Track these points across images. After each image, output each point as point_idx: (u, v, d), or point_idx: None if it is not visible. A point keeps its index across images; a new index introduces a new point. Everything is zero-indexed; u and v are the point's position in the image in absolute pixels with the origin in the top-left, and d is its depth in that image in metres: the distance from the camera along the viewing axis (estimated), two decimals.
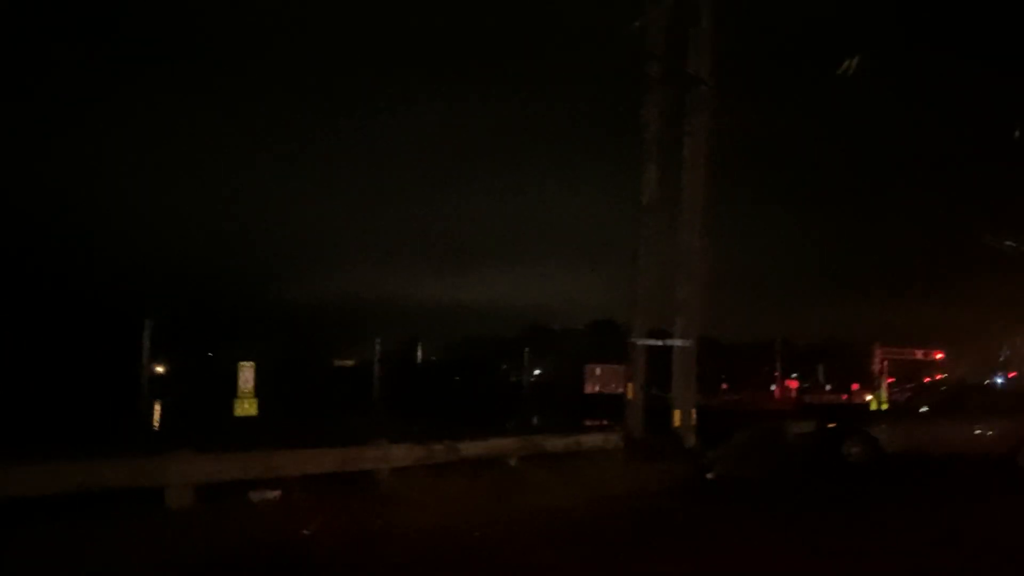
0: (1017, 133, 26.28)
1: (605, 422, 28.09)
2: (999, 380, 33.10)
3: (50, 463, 9.38)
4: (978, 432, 16.79)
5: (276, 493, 11.04)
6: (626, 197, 19.13)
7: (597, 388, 64.24)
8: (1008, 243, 27.37)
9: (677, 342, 17.41)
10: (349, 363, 49.86)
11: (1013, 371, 30.73)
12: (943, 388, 30.16)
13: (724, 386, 73.51)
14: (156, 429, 22.64)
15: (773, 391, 64.75)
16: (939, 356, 42.11)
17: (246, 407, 18.21)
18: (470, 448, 13.98)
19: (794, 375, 66.75)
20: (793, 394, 62.03)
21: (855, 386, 62.77)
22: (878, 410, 33.33)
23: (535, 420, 33.54)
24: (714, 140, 18.19)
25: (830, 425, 19.05)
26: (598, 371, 67.20)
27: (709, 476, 15.46)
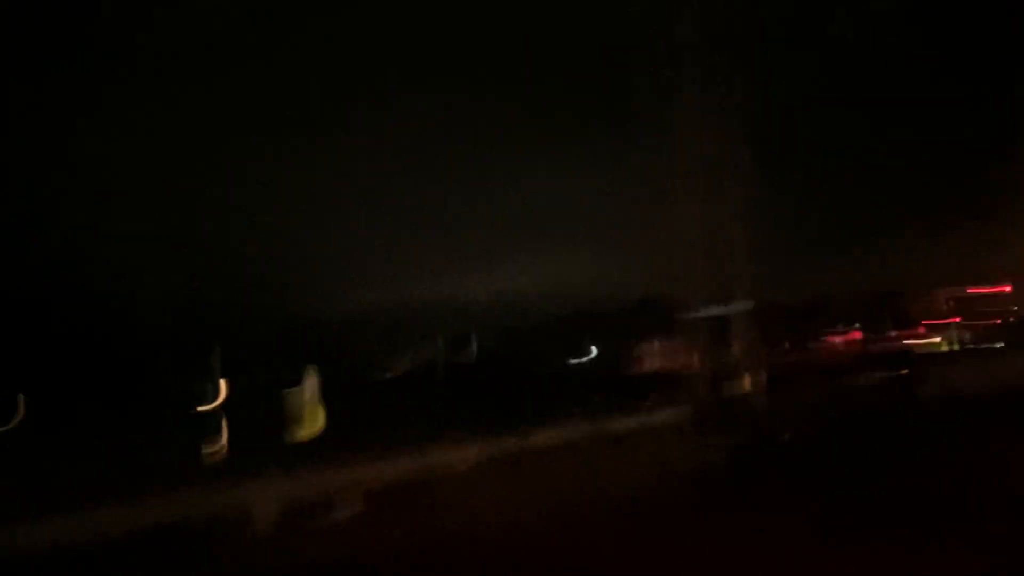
0: None
1: (666, 398, 28.07)
2: None
3: (131, 500, 9.58)
4: None
5: (359, 505, 11.27)
6: (660, 168, 19.06)
7: (654, 364, 64.13)
8: None
9: (737, 307, 17.35)
10: (406, 367, 50.20)
11: None
12: (1015, 322, 29.60)
13: (787, 345, 72.72)
14: (225, 453, 23.15)
15: (838, 344, 63.91)
16: (1007, 289, 41.14)
17: (313, 421, 18.56)
18: (538, 438, 14.14)
19: (856, 325, 65.84)
20: (858, 345, 61.20)
21: (921, 328, 61.72)
22: (949, 352, 32.85)
23: (597, 402, 33.51)
24: (741, 102, 18.06)
25: (902, 372, 18.94)
26: (656, 346, 67.05)
27: (785, 438, 15.44)
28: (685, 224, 18.13)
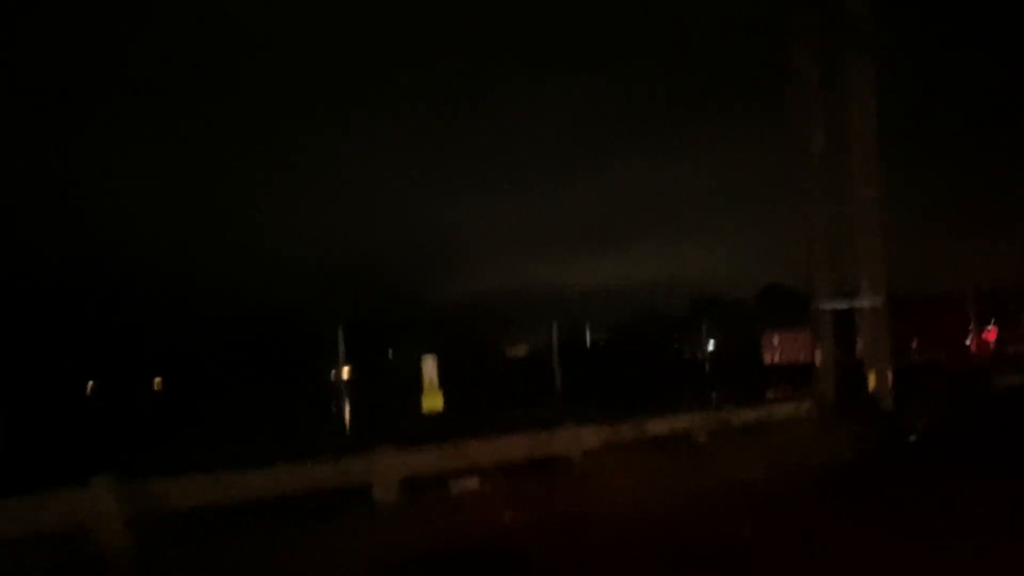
0: None
1: (789, 391, 27.40)
2: None
3: (263, 470, 10.04)
4: None
5: (475, 482, 11.45)
6: (785, 157, 18.63)
7: (777, 357, 62.59)
8: None
9: (865, 301, 16.79)
10: (521, 352, 50.54)
11: None
12: None
13: (915, 344, 69.77)
14: (348, 429, 23.88)
15: (969, 344, 61.03)
16: None
17: (433, 401, 18.98)
18: (656, 426, 14.04)
19: (991, 325, 62.65)
20: (992, 345, 58.32)
21: None
22: None
23: (715, 395, 33.12)
24: (877, 81, 17.43)
25: None
26: (776, 339, 65.43)
27: (911, 439, 14.89)
28: (814, 213, 17.63)
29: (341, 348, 18.02)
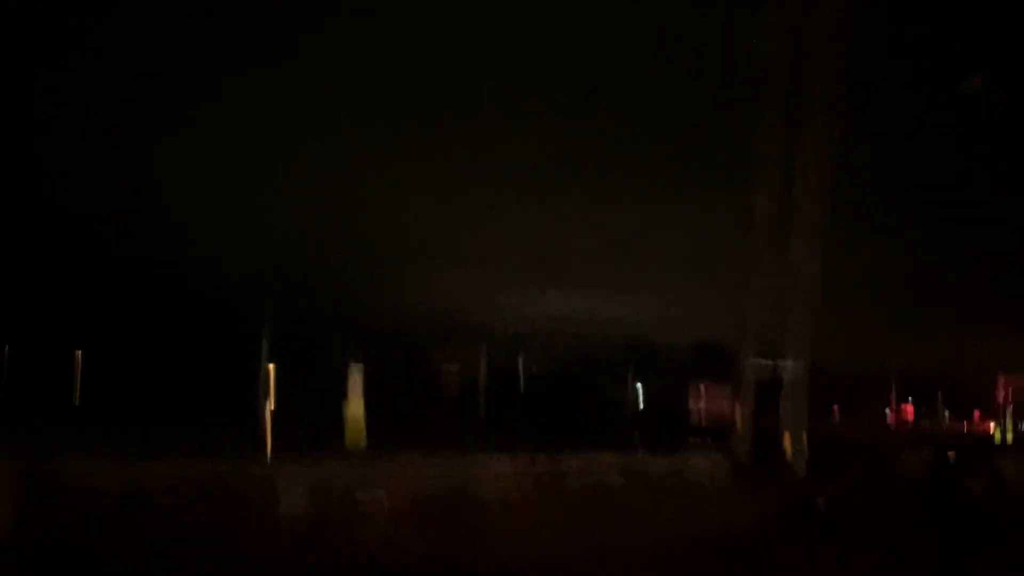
0: None
1: (709, 443, 27.54)
2: None
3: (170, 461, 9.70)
4: None
5: (381, 496, 11.21)
6: (734, 217, 18.85)
7: (703, 408, 63.24)
8: None
9: (788, 366, 16.96)
10: (454, 368, 50.25)
11: None
12: None
13: (835, 413, 71.06)
14: (269, 433, 23.41)
15: (887, 418, 62.28)
16: None
17: (356, 439, 18.60)
18: (572, 462, 13.93)
19: (909, 401, 64.06)
20: (909, 422, 59.55)
21: (976, 415, 59.80)
22: (1003, 443, 31.82)
23: (638, 439, 33.08)
24: (831, 159, 17.74)
25: (950, 455, 18.34)
26: (702, 391, 66.10)
27: (820, 507, 15.01)
28: (751, 274, 17.81)
29: (265, 346, 17.74)
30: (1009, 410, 38.40)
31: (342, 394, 17.54)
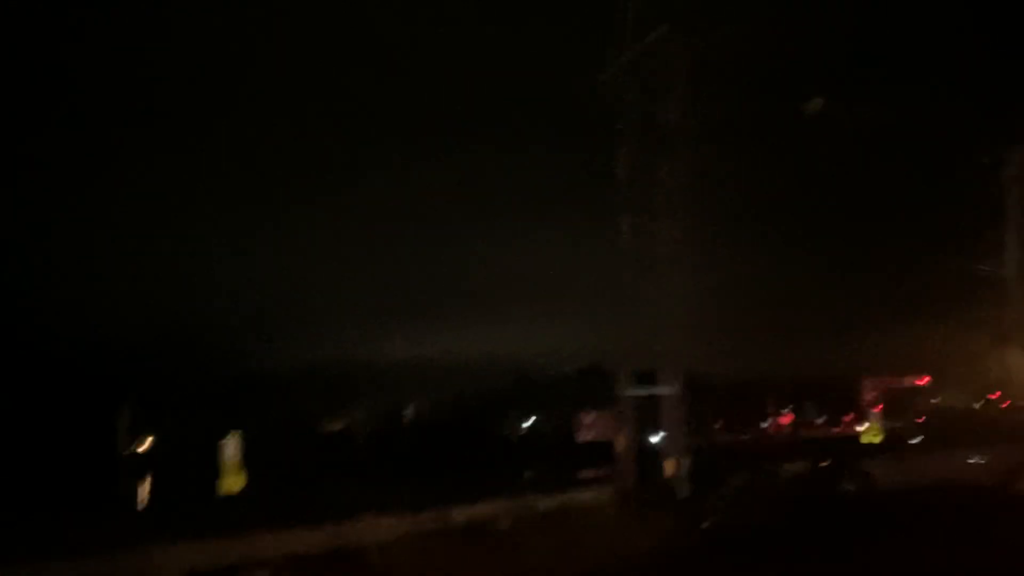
0: (985, 160, 26.67)
1: (600, 471, 27.78)
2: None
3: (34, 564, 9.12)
4: (971, 462, 16.72)
5: (265, 574, 10.81)
6: (610, 244, 19.15)
7: (591, 436, 63.81)
8: (986, 267, 27.61)
9: (663, 390, 17.29)
10: (338, 426, 49.20)
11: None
12: (933, 417, 30.21)
13: (718, 426, 72.98)
14: (142, 510, 22.23)
15: (767, 428, 64.28)
16: (925, 382, 41.87)
17: (232, 482, 17.98)
18: (460, 515, 13.78)
19: (787, 410, 66.36)
20: (787, 430, 61.66)
21: (847, 417, 62.43)
22: (870, 443, 33.20)
23: (528, 475, 33.02)
24: (689, 184, 18.25)
25: (823, 463, 18.98)
26: (590, 418, 66.76)
27: (705, 526, 15.27)
28: (623, 301, 18.10)
29: (124, 425, 16.91)
30: (875, 410, 40.16)
31: (218, 466, 16.85)
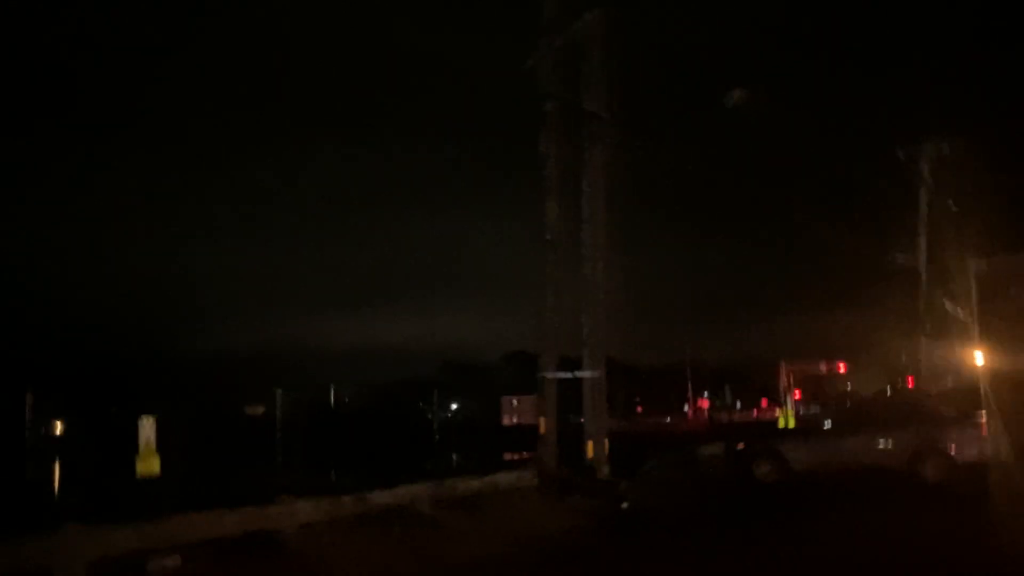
0: (900, 152, 27.42)
1: (525, 454, 27.93)
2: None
3: None
4: (880, 446, 17.18)
5: (177, 561, 10.51)
6: (535, 230, 19.15)
7: (516, 420, 64.24)
8: (899, 257, 28.43)
9: (585, 374, 17.37)
10: (259, 411, 48.50)
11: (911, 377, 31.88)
12: (846, 402, 31.08)
13: (639, 409, 74.41)
14: (54, 495, 21.55)
15: (686, 412, 65.67)
16: (842, 368, 43.04)
17: (148, 466, 17.46)
18: (380, 498, 13.60)
19: (705, 395, 67.92)
20: (705, 414, 63.11)
21: (764, 402, 64.25)
22: (786, 427, 34.03)
23: (454, 458, 33.16)
24: (613, 173, 18.30)
25: (739, 446, 19.34)
26: (515, 402, 67.22)
27: (624, 507, 15.43)
28: (547, 287, 18.11)
29: (29, 413, 16.25)
30: (790, 396, 41.20)
31: (134, 450, 16.37)
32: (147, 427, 17.76)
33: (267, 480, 16.12)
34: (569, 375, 17.76)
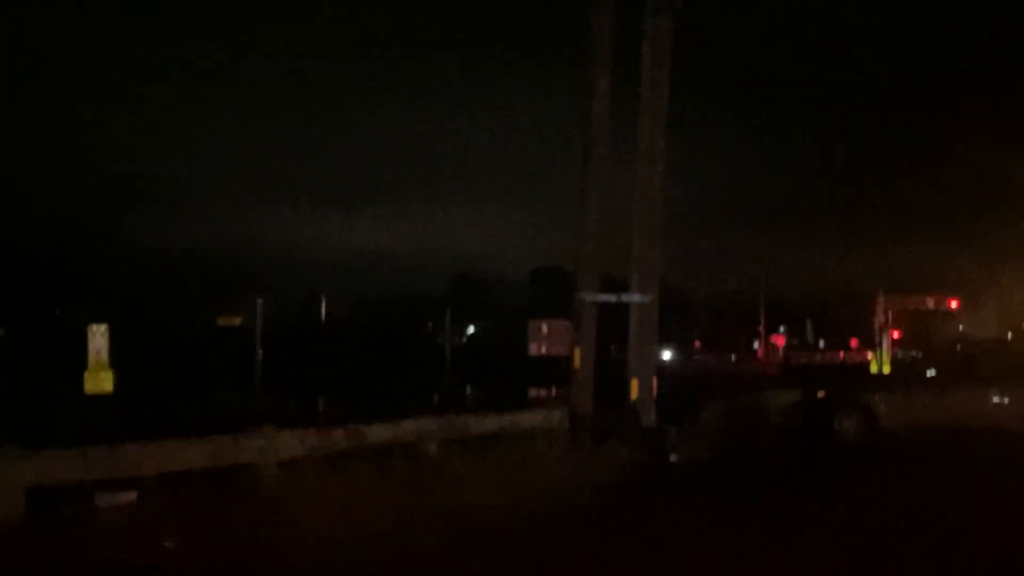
0: None
1: (555, 391, 28.16)
2: None
3: None
4: (995, 401, 17.16)
5: (131, 496, 10.78)
6: (572, 127, 18.96)
7: (544, 349, 64.64)
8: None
9: (634, 297, 17.35)
10: (236, 321, 49.12)
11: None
12: (956, 347, 30.90)
13: (697, 344, 74.73)
14: None
15: (756, 351, 65.81)
16: (954, 305, 42.36)
17: (98, 382, 17.82)
18: (378, 433, 13.84)
19: (781, 330, 67.83)
20: (780, 353, 63.16)
21: (854, 342, 64.18)
22: (879, 374, 34.04)
23: (468, 392, 33.53)
24: (677, 53, 18.02)
25: (819, 395, 19.37)
26: (544, 328, 67.55)
27: (672, 460, 15.59)
28: (589, 190, 17.99)
29: None
30: (888, 336, 40.92)
31: (83, 364, 16.73)
32: (98, 336, 18.08)
33: (243, 405, 16.40)
34: (613, 299, 17.77)
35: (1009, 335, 33.34)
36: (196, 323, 48.19)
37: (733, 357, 62.59)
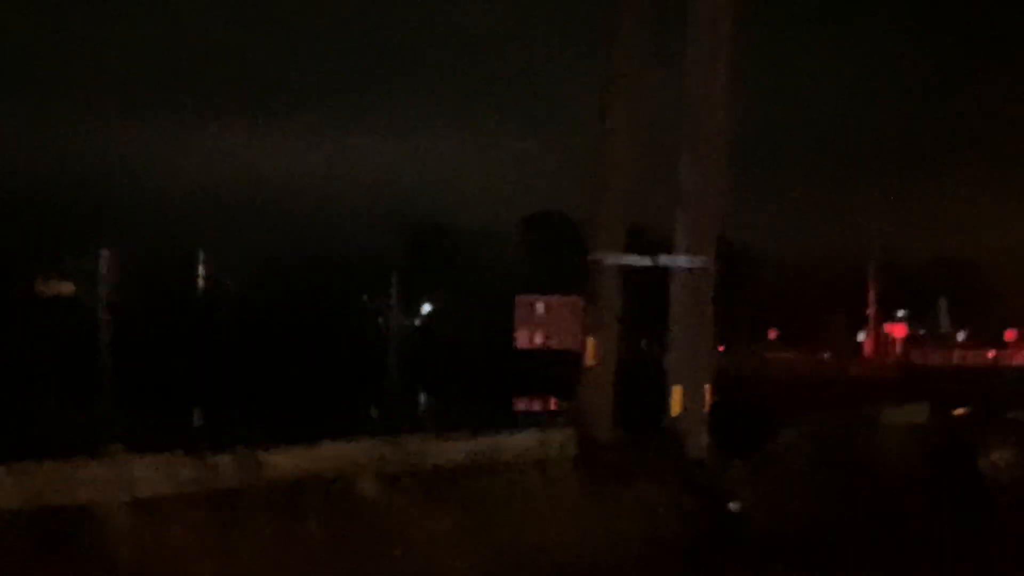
0: None
1: (555, 402, 28.13)
2: None
3: None
4: None
5: None
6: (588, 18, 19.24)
7: (539, 339, 64.61)
8: None
9: (679, 260, 17.42)
10: (64, 290, 48.65)
11: None
12: None
13: (772, 335, 74.71)
14: None
15: (861, 345, 65.97)
16: None
17: None
18: (285, 461, 13.80)
19: (899, 315, 67.95)
20: (897, 348, 63.33)
21: (1009, 335, 64.23)
22: None
23: (422, 401, 33.56)
24: None
25: (957, 412, 19.50)
26: (540, 307, 67.64)
27: (733, 509, 15.64)
28: (615, 110, 18.22)
29: None
30: None
31: None
32: None
33: (78, 416, 16.38)
34: (647, 262, 17.89)
35: None
36: (4, 289, 47.98)
37: (827, 355, 63.00)
